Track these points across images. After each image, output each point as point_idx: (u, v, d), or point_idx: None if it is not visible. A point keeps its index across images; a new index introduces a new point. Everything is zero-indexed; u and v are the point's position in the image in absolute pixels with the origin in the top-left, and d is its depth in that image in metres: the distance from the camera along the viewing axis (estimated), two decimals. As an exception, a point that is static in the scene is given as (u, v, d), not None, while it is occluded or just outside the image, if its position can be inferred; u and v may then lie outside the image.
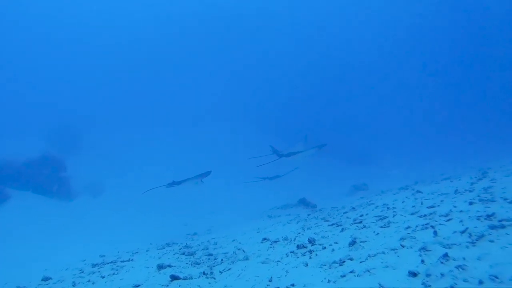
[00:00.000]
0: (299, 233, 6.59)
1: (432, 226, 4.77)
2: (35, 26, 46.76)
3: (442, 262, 3.54)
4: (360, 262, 4.12)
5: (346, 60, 48.66)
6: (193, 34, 50.52)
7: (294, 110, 38.24)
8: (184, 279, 4.96)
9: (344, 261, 4.25)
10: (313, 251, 4.94)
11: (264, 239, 6.44)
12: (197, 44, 49.42)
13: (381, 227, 5.50)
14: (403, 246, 4.26)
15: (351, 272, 3.94)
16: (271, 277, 4.35)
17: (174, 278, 5.02)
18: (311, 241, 5.35)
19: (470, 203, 5.44)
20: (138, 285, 5.11)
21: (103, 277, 5.94)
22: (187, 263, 5.92)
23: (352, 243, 4.83)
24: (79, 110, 30.80)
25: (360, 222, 6.15)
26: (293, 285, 3.97)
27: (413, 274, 3.50)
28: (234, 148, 27.74)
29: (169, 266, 5.77)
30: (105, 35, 48.24)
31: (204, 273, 5.05)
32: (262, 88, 43.70)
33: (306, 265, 4.47)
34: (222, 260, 5.62)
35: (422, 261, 3.70)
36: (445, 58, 47.70)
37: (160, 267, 5.71)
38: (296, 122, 34.42)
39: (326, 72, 46.10)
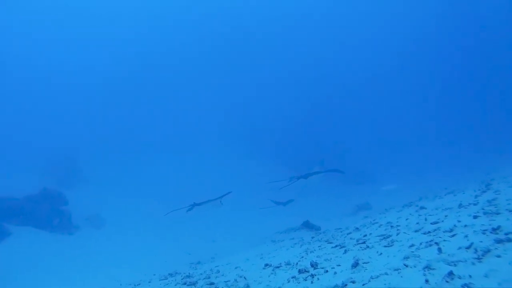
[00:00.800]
0: (302, 257, 6.43)
1: (436, 243, 4.62)
2: (31, 58, 47.49)
3: (447, 281, 3.37)
4: (363, 284, 3.95)
5: (343, 76, 49.20)
6: (191, 59, 51.21)
7: (294, 132, 38.18)
8: (183, 311, 4.79)
9: (346, 284, 4.08)
10: (315, 275, 4.78)
11: (266, 265, 6.27)
12: (195, 68, 50.04)
13: (385, 246, 5.35)
14: (407, 266, 4.10)
15: (353, 295, 3.79)
16: (272, 305, 4.18)
17: (173, 310, 4.86)
18: (313, 265, 5.19)
19: (475, 217, 5.30)
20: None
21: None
22: (187, 294, 5.75)
23: (355, 264, 4.67)
24: (77, 142, 30.88)
25: (364, 243, 5.99)
26: (294, 312, 3.81)
27: (418, 295, 3.35)
28: (238, 174, 27.65)
29: (169, 298, 5.60)
30: (100, 65, 48.89)
31: (204, 304, 4.88)
32: (263, 112, 43.85)
33: (307, 290, 4.31)
34: (222, 289, 5.45)
35: (426, 280, 3.54)
36: (444, 69, 48.09)
37: (160, 299, 5.55)
38: (298, 145, 34.29)
39: (322, 91, 46.46)
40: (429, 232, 5.35)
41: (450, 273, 3.46)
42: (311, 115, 42.79)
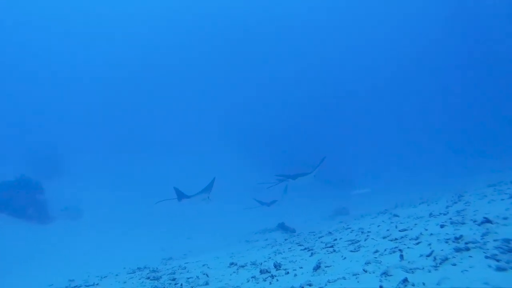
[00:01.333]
0: (270, 257, 6.38)
1: (400, 250, 4.59)
2: (15, 42, 46.80)
3: (400, 288, 3.34)
4: None
5: (335, 79, 49.42)
6: (189, 58, 50.96)
7: (286, 135, 38.06)
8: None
9: (302, 287, 4.02)
10: (275, 276, 4.71)
11: (232, 263, 6.21)
12: (191, 67, 49.80)
13: (351, 251, 5.32)
14: (366, 271, 4.06)
15: (306, 298, 3.74)
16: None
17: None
18: (276, 266, 5.13)
19: (442, 226, 5.30)
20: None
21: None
22: (148, 288, 5.65)
23: (316, 267, 4.62)
24: (60, 134, 30.53)
25: (331, 246, 5.98)
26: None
27: (369, 301, 3.31)
28: (225, 172, 27.50)
29: (129, 292, 5.49)
30: (90, 53, 48.44)
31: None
32: (255, 114, 43.70)
33: (264, 290, 4.24)
34: (182, 285, 5.34)
35: (381, 287, 3.50)
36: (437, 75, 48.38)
37: (120, 293, 5.43)
38: (288, 148, 34.13)
39: (313, 93, 46.61)
40: (396, 239, 5.34)
41: (405, 280, 3.43)
42: (302, 118, 42.88)
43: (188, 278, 5.73)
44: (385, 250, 4.81)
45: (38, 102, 38.61)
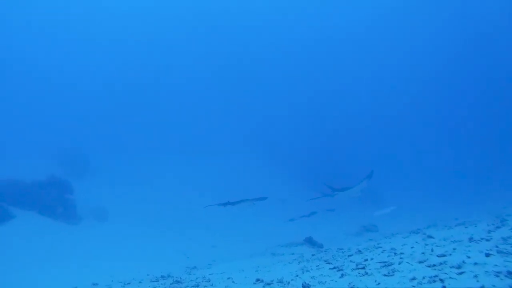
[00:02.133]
0: (297, 275, 6.12)
1: (441, 280, 4.24)
2: (46, 45, 48.41)
3: (447, 327, 3.03)
4: (353, 318, 3.63)
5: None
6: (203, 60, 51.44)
7: (306, 146, 37.72)
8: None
9: (336, 316, 3.76)
10: (305, 299, 4.46)
11: (258, 280, 5.98)
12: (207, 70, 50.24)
13: (384, 275, 4.99)
14: (405, 303, 3.75)
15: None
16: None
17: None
18: (305, 287, 4.86)
19: (487, 255, 4.88)
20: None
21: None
22: (172, 301, 5.51)
23: (349, 293, 4.33)
24: (88, 135, 31.32)
25: (363, 268, 5.64)
26: None
27: None
28: (253, 182, 27.42)
29: (153, 303, 5.35)
30: (119, 59, 49.51)
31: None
32: (277, 127, 43.67)
33: (293, 316, 4.00)
34: (206, 301, 5.17)
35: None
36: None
37: (143, 303, 5.30)
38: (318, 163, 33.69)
39: (331, 105, 46.18)
40: (434, 265, 4.97)
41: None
42: (330, 131, 42.57)
43: (212, 293, 5.55)
44: (423, 278, 4.47)
45: (68, 106, 39.87)
